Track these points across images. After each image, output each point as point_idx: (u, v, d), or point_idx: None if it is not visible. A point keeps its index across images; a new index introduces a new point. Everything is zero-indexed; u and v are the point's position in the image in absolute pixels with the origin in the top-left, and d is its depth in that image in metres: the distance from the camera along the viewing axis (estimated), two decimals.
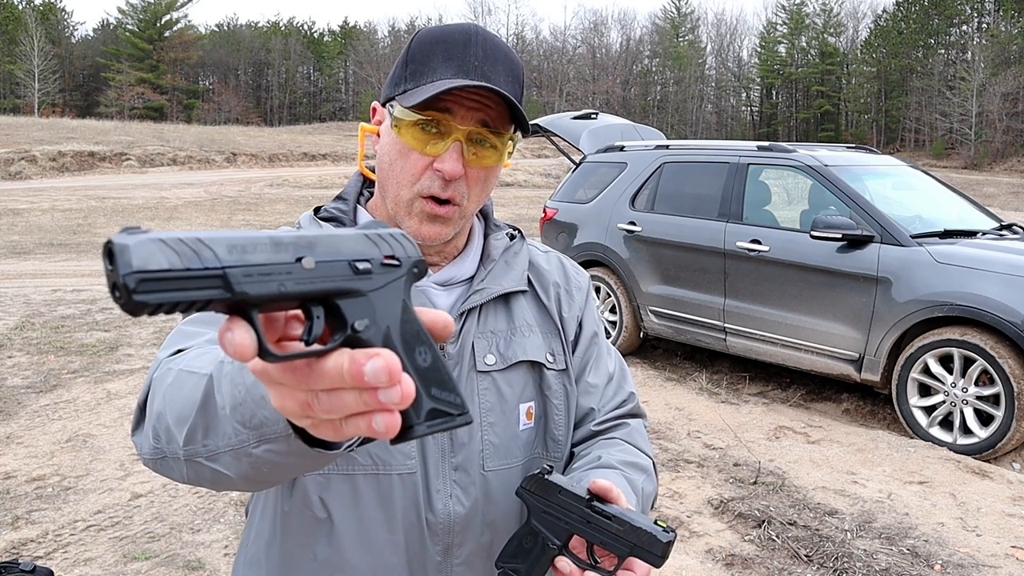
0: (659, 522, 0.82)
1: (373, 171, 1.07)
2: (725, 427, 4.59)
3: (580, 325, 1.14)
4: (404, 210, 0.97)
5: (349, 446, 0.59)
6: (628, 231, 6.06)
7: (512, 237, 1.13)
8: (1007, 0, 57.95)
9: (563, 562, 0.88)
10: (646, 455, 1.11)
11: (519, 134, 1.00)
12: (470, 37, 0.95)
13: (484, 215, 1.13)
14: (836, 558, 3.08)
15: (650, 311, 5.93)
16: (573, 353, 1.12)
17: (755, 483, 3.78)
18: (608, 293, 6.22)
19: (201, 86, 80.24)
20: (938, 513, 3.51)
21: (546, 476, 0.89)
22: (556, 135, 7.10)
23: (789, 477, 3.87)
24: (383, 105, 1.00)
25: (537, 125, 7.21)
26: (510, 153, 0.98)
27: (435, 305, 1.01)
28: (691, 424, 4.67)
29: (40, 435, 4.29)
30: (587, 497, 0.85)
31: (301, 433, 0.59)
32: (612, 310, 6.22)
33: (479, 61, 0.94)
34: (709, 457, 4.12)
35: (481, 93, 0.92)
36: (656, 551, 0.80)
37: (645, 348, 6.42)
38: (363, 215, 1.06)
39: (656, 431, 4.48)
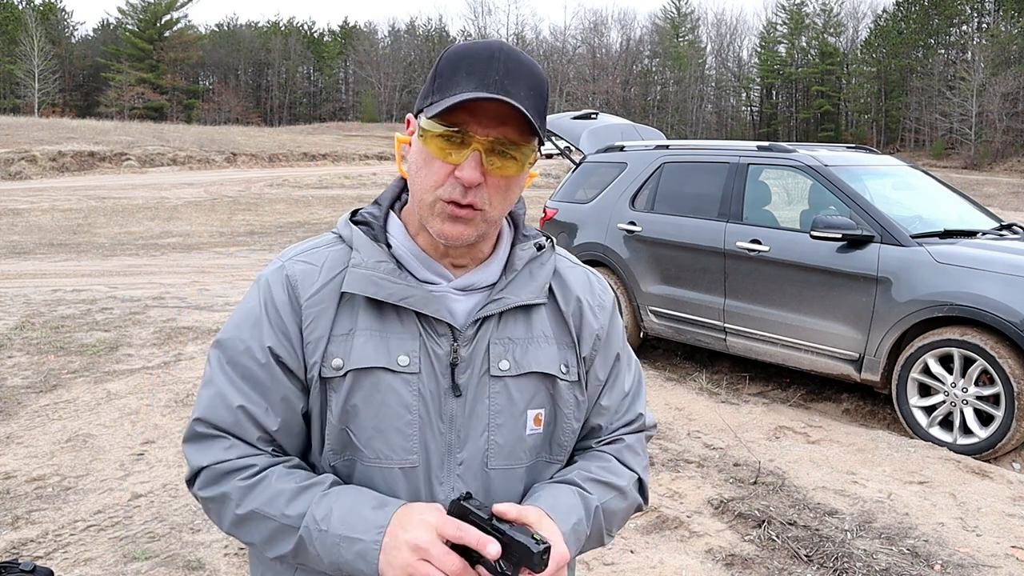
0: (535, 536, 0.95)
1: None
2: (725, 427, 4.59)
3: (600, 344, 1.17)
4: (428, 211, 1.03)
5: None
6: (628, 231, 6.06)
7: (540, 247, 1.15)
8: (1007, 0, 57.93)
9: (479, 569, 0.97)
10: (630, 471, 1.17)
11: (541, 145, 1.06)
12: (493, 53, 1.00)
13: (515, 224, 1.16)
14: (836, 558, 3.08)
15: (650, 311, 5.93)
16: (588, 370, 1.16)
17: (755, 483, 3.78)
18: None
19: (201, 86, 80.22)
20: (938, 513, 3.51)
21: (462, 501, 1.00)
22: (556, 135, 7.10)
23: (789, 477, 3.87)
24: (415, 117, 1.06)
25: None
26: (531, 163, 1.04)
27: (452, 310, 1.06)
28: (691, 424, 4.67)
29: (40, 435, 4.29)
30: (487, 518, 0.97)
31: None
32: None
33: (500, 76, 0.98)
34: (709, 457, 4.12)
35: (501, 106, 0.97)
36: (532, 560, 0.93)
37: (645, 348, 6.42)
38: (392, 221, 1.12)
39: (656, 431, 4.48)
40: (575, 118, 7.21)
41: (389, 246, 1.08)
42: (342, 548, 0.96)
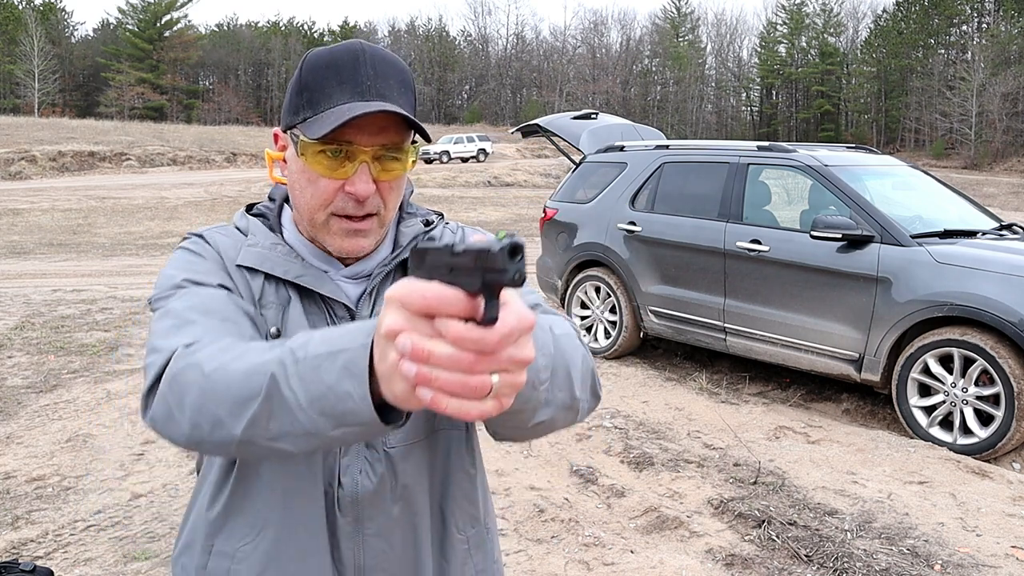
0: (499, 234, 0.71)
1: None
2: (725, 427, 4.59)
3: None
4: (322, 230, 1.02)
5: (403, 423, 0.75)
6: (628, 231, 6.06)
7: (429, 223, 1.14)
8: (1007, 0, 57.96)
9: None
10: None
11: (420, 139, 1.04)
12: (357, 56, 0.98)
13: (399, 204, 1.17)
14: (836, 558, 3.08)
15: (650, 311, 5.93)
16: None
17: (755, 483, 3.78)
18: (608, 293, 6.22)
19: (201, 86, 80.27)
20: (938, 513, 3.51)
21: (420, 244, 0.79)
22: (556, 135, 7.10)
23: (789, 477, 3.87)
24: (285, 131, 1.04)
25: (537, 125, 7.21)
26: (414, 161, 1.03)
27: (347, 295, 1.06)
28: (691, 424, 4.66)
29: (40, 435, 4.29)
30: (449, 245, 0.73)
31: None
32: (612, 310, 6.22)
33: (371, 80, 0.97)
34: (709, 457, 4.12)
35: (380, 114, 0.95)
36: (498, 262, 0.67)
37: (645, 348, 6.42)
38: (286, 213, 1.11)
39: (656, 431, 4.48)
40: (575, 118, 7.21)
41: (283, 236, 1.08)
42: (323, 369, 0.73)
